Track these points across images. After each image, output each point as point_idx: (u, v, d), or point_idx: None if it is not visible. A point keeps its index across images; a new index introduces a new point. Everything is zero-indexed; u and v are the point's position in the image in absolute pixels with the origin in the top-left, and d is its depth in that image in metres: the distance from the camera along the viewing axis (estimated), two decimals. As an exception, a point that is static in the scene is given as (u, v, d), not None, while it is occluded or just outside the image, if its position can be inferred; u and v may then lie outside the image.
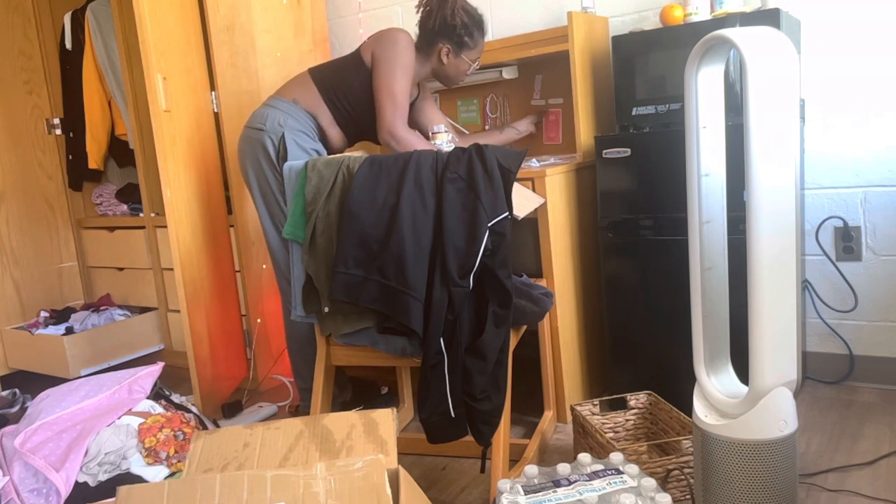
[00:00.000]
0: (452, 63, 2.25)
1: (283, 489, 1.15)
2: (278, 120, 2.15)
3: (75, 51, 3.39)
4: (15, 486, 1.79)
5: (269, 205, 2.21)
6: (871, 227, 2.31)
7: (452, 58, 2.23)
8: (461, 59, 2.24)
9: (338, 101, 2.21)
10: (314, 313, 1.81)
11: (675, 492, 1.75)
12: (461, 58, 2.24)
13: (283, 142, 2.13)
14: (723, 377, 1.53)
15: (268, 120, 2.16)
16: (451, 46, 2.21)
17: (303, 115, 2.18)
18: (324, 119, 2.22)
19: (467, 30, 2.20)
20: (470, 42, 2.22)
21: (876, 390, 2.31)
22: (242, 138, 2.22)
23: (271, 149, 2.14)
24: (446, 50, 2.22)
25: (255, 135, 2.17)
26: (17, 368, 3.23)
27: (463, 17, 2.18)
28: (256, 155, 2.17)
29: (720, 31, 1.36)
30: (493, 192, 1.64)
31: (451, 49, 2.22)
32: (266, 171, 2.17)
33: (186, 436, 1.97)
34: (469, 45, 2.23)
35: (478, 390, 1.65)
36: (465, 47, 2.23)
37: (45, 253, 3.45)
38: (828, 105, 2.32)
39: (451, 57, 2.23)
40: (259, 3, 2.75)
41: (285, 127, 2.14)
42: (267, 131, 2.15)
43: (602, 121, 2.50)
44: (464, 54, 2.24)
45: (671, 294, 2.17)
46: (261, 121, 2.17)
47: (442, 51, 2.22)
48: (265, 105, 2.22)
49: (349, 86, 2.20)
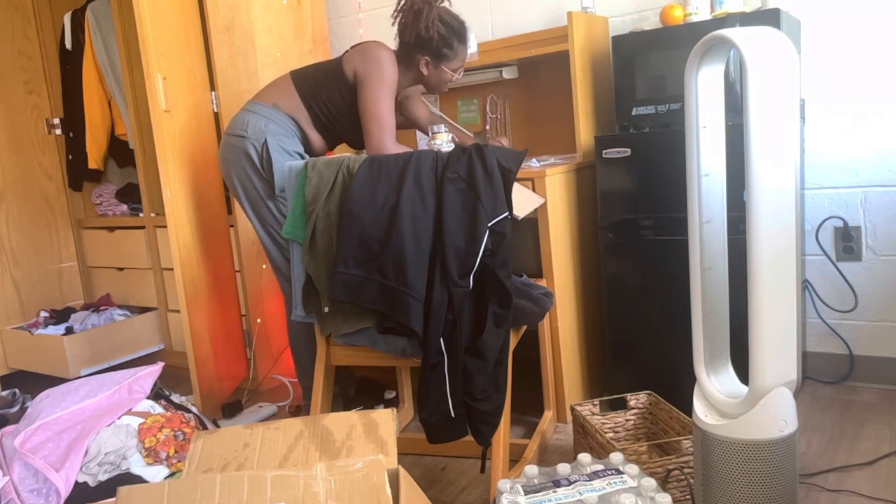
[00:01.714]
0: (433, 74, 2.19)
1: (283, 489, 1.15)
2: (259, 125, 2.12)
3: (75, 51, 3.39)
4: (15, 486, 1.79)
5: (258, 210, 2.18)
6: (871, 227, 2.31)
7: (433, 69, 2.18)
8: (441, 69, 2.18)
9: (318, 108, 2.18)
10: (314, 313, 1.81)
11: (675, 492, 1.75)
12: (441, 68, 2.18)
13: (265, 147, 2.11)
14: (723, 377, 1.53)
15: (249, 126, 2.13)
16: (430, 58, 2.16)
17: (284, 119, 2.16)
18: (304, 122, 2.19)
19: (445, 41, 2.13)
20: (449, 53, 2.16)
21: (876, 390, 2.31)
22: (224, 146, 2.19)
23: (255, 155, 2.12)
24: (426, 61, 2.16)
25: (237, 142, 2.14)
26: (17, 368, 3.23)
27: (440, 30, 2.10)
28: (241, 162, 2.14)
29: (720, 31, 1.36)
30: (493, 192, 1.64)
31: (431, 61, 2.16)
32: (252, 177, 2.15)
33: (186, 436, 1.97)
34: (449, 57, 2.16)
35: (478, 390, 1.65)
36: (444, 59, 2.16)
37: (45, 253, 3.45)
38: (828, 105, 2.32)
39: (432, 68, 2.18)
40: (259, 3, 2.75)
41: (267, 132, 2.12)
42: (249, 138, 2.12)
43: (602, 121, 2.50)
44: (444, 65, 2.18)
45: (671, 294, 2.17)
46: (242, 127, 2.14)
47: (421, 62, 2.16)
48: (245, 110, 2.18)
49: (331, 95, 2.17)
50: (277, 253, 2.21)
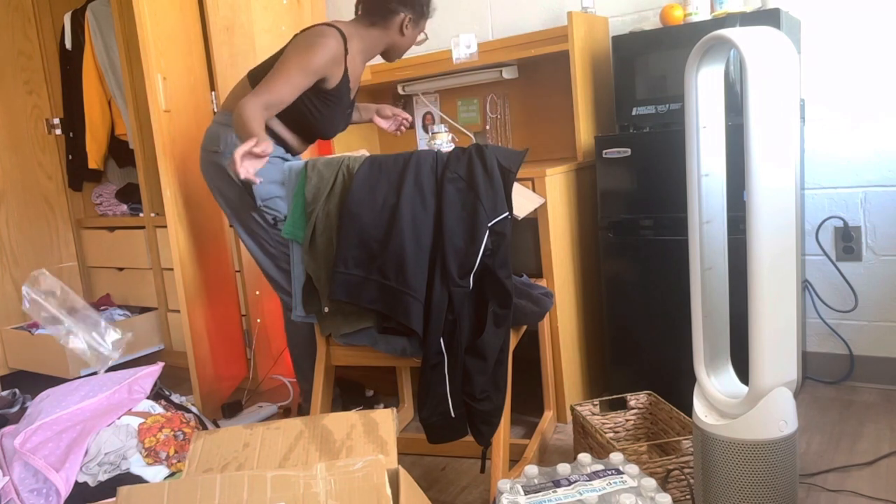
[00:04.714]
0: (410, 34, 2.12)
1: (283, 489, 1.15)
2: (231, 139, 2.05)
3: (75, 51, 3.39)
4: (15, 486, 1.79)
5: (245, 222, 2.15)
6: (871, 227, 2.31)
7: (411, 28, 2.11)
8: (417, 29, 2.13)
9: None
10: (314, 313, 1.81)
11: (675, 492, 1.75)
12: (417, 28, 2.13)
13: None
14: (723, 377, 1.53)
15: (221, 141, 2.08)
16: (412, 16, 2.08)
17: None
18: (274, 124, 2.08)
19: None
20: (427, 11, 2.11)
21: (876, 390, 2.31)
22: (203, 161, 2.15)
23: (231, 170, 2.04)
24: (407, 20, 2.07)
25: (213, 157, 2.11)
26: (17, 368, 3.23)
27: None
28: (220, 178, 2.11)
29: (720, 31, 1.36)
30: (493, 192, 1.64)
31: (412, 18, 2.08)
32: (232, 191, 2.12)
33: (186, 436, 1.97)
34: (427, 15, 2.12)
35: (478, 390, 1.65)
36: (423, 17, 2.11)
37: (45, 253, 3.45)
38: (828, 105, 2.32)
39: (411, 27, 2.11)
40: (259, 3, 2.75)
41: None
42: (222, 152, 2.08)
43: (602, 121, 2.50)
44: (420, 23, 2.13)
45: (671, 294, 2.17)
46: (215, 143, 2.09)
47: (405, 20, 2.07)
48: (216, 123, 2.12)
49: None
50: (269, 263, 2.18)
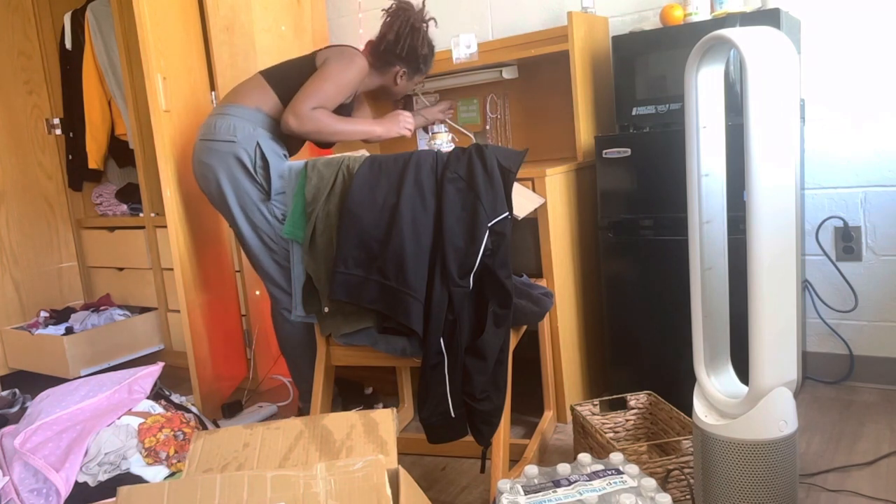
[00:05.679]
0: (402, 85, 2.33)
1: (283, 489, 1.15)
2: (248, 130, 2.11)
3: (75, 51, 3.39)
4: (15, 486, 1.79)
5: (250, 215, 2.16)
6: (871, 227, 2.31)
7: (405, 80, 2.32)
8: (410, 82, 2.35)
9: None
10: (314, 313, 1.81)
11: (675, 492, 1.75)
12: (411, 81, 2.34)
13: (259, 151, 2.10)
14: (723, 377, 1.53)
15: (237, 131, 2.11)
16: (407, 71, 2.29)
17: (269, 122, 2.15)
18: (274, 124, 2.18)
19: (426, 60, 2.30)
20: (424, 69, 2.33)
21: (876, 390, 2.31)
22: (208, 152, 2.14)
23: (247, 160, 2.11)
24: (402, 73, 2.30)
25: (225, 147, 2.12)
26: (17, 368, 3.23)
27: (430, 45, 2.28)
28: (230, 168, 2.12)
29: (720, 31, 1.36)
30: (493, 192, 1.64)
31: (407, 73, 2.30)
32: (244, 182, 2.13)
33: (186, 436, 1.97)
34: (422, 72, 2.34)
35: (478, 390, 1.65)
36: (418, 73, 2.33)
37: (45, 253, 3.45)
38: (828, 105, 2.32)
39: (405, 79, 2.32)
40: (259, 3, 2.75)
41: (258, 136, 2.11)
42: (239, 142, 2.10)
43: (602, 121, 2.50)
44: (414, 77, 2.34)
45: (671, 294, 2.17)
46: (229, 132, 2.12)
47: (398, 73, 2.29)
48: (226, 115, 2.14)
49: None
50: (268, 258, 2.19)
